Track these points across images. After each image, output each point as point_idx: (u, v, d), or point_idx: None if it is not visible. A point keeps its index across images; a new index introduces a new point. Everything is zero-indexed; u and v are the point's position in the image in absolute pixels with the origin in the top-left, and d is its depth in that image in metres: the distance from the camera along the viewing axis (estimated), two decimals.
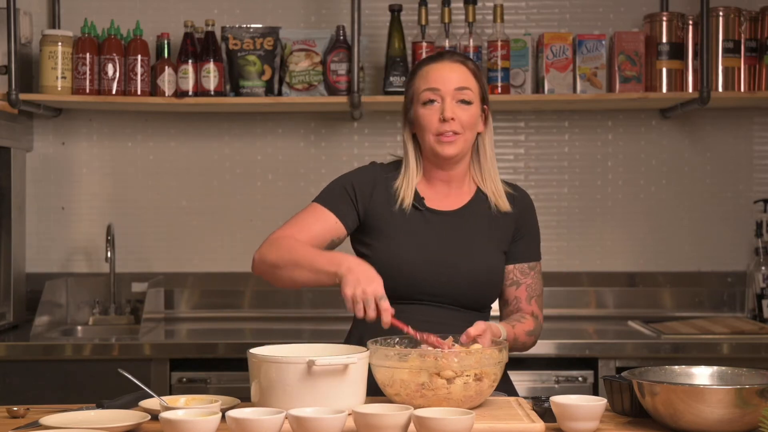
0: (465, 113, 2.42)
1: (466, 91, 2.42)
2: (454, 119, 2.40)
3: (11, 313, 3.72)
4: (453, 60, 2.46)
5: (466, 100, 2.42)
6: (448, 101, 2.41)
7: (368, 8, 3.88)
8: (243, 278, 3.93)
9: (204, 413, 1.89)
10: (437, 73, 2.44)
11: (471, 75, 2.45)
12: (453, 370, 2.04)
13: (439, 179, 2.48)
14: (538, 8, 3.98)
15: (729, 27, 3.68)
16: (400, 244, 2.41)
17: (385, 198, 2.46)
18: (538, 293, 2.54)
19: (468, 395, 2.06)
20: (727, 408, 1.87)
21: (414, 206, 2.45)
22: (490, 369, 2.08)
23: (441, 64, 2.45)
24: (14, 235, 3.76)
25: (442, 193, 2.49)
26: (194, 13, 3.90)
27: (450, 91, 2.41)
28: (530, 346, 2.50)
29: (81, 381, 3.32)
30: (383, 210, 2.45)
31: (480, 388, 2.08)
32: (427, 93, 2.42)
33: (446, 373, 2.04)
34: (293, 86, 3.71)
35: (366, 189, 2.47)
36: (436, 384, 2.04)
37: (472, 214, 2.47)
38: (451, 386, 2.05)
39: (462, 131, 2.42)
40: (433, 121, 2.41)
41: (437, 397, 2.05)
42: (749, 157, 3.98)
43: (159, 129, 3.99)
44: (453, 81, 2.42)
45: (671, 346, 3.34)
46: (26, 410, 2.14)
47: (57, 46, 3.64)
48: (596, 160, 3.99)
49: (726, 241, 3.97)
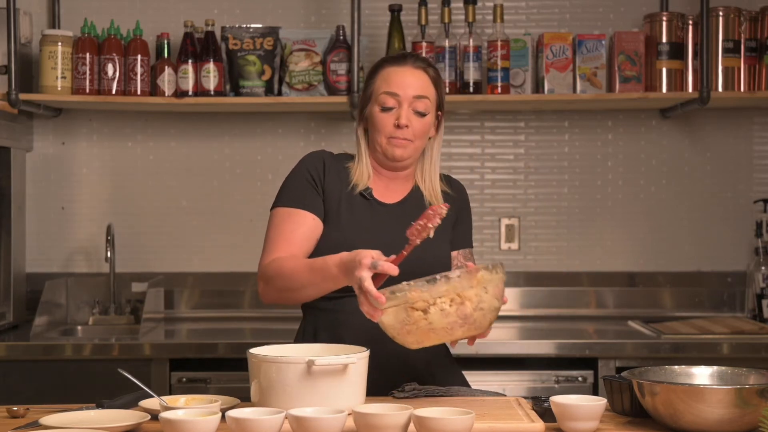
0: (419, 123, 2.41)
1: (424, 101, 2.41)
2: (409, 127, 2.40)
3: (11, 313, 3.72)
4: (416, 65, 2.44)
5: (421, 111, 2.41)
6: (405, 108, 2.40)
7: (368, 8, 3.88)
8: (243, 278, 3.93)
9: (204, 413, 1.88)
10: (398, 77, 2.42)
11: (431, 83, 2.44)
12: (424, 300, 2.01)
13: (384, 174, 2.49)
14: (538, 8, 3.98)
15: (729, 27, 3.68)
16: (350, 228, 2.40)
17: (336, 180, 2.45)
18: None
19: (451, 322, 2.03)
20: (727, 408, 1.87)
21: (362, 195, 2.44)
22: (469, 292, 2.04)
23: (403, 68, 2.44)
24: (14, 235, 3.76)
25: (383, 185, 2.48)
26: (194, 13, 3.90)
27: (408, 98, 2.40)
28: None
29: (81, 381, 3.32)
30: (335, 191, 2.44)
31: (463, 312, 2.03)
32: (386, 97, 2.41)
33: (418, 305, 2.01)
34: (293, 86, 3.71)
35: (320, 172, 2.45)
36: (414, 318, 2.02)
37: (414, 206, 2.46)
38: (428, 316, 2.02)
39: (414, 139, 2.42)
40: (388, 125, 2.41)
41: (421, 329, 2.03)
42: (749, 157, 3.98)
43: (159, 129, 3.99)
44: (412, 88, 2.41)
45: (671, 346, 3.34)
46: (26, 410, 2.14)
47: (57, 46, 3.64)
48: (596, 160, 3.99)
49: (726, 241, 3.97)
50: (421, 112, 2.41)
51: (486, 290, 2.06)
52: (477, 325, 2.07)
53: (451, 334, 2.06)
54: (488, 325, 2.10)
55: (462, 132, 4.00)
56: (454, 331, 2.05)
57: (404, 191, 2.50)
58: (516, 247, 3.99)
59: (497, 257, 3.96)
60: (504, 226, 3.99)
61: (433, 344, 2.10)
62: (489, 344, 3.34)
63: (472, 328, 2.07)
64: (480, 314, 2.06)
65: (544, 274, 4.00)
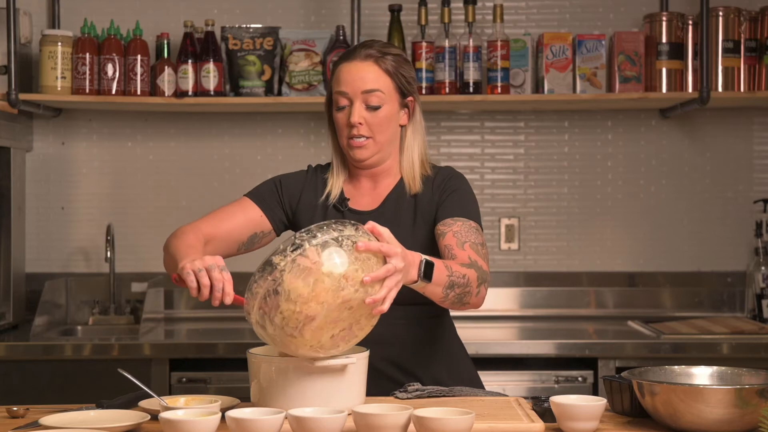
0: (374, 117, 2.32)
1: (376, 94, 2.31)
2: (362, 124, 2.32)
3: (11, 313, 3.72)
4: (364, 58, 2.33)
5: (373, 105, 2.31)
6: (356, 105, 2.31)
7: (368, 8, 3.88)
8: (243, 278, 3.91)
9: (204, 413, 1.88)
10: (346, 74, 2.33)
11: (383, 73, 2.32)
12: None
13: (363, 176, 2.42)
14: (538, 8, 3.98)
15: (729, 27, 3.68)
16: None
17: (312, 195, 2.42)
18: (471, 240, 2.24)
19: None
20: (727, 408, 1.87)
21: (335, 206, 2.39)
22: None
23: (351, 64, 2.33)
24: (14, 235, 3.76)
25: (366, 188, 2.42)
26: (194, 13, 3.90)
27: (357, 94, 2.31)
28: (475, 283, 2.16)
29: (81, 381, 3.32)
30: (310, 205, 2.41)
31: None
32: (337, 96, 2.34)
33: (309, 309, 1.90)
34: (293, 86, 3.71)
35: (295, 191, 2.42)
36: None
37: (394, 204, 2.38)
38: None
39: (371, 134, 2.33)
40: (343, 125, 2.34)
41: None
42: (749, 157, 3.98)
43: (159, 129, 3.99)
44: (360, 83, 2.31)
45: (671, 346, 3.34)
46: (26, 410, 2.13)
47: (57, 46, 3.64)
48: (596, 160, 3.99)
49: (726, 241, 3.97)
50: (374, 106, 2.31)
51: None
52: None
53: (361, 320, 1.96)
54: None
55: (462, 132, 4.00)
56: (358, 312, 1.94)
57: (386, 190, 2.41)
58: (516, 247, 3.99)
59: (497, 257, 3.97)
60: (504, 226, 3.99)
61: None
62: (489, 344, 3.35)
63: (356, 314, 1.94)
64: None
65: (544, 274, 4.00)
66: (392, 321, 2.25)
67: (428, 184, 2.39)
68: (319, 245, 1.90)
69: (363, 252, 1.91)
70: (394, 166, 2.42)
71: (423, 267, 2.02)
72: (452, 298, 2.12)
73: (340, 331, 1.95)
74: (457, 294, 2.12)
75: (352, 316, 1.94)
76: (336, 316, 1.91)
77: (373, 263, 1.93)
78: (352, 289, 1.90)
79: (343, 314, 1.92)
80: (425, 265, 2.03)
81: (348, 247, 1.91)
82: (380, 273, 1.91)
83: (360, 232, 1.95)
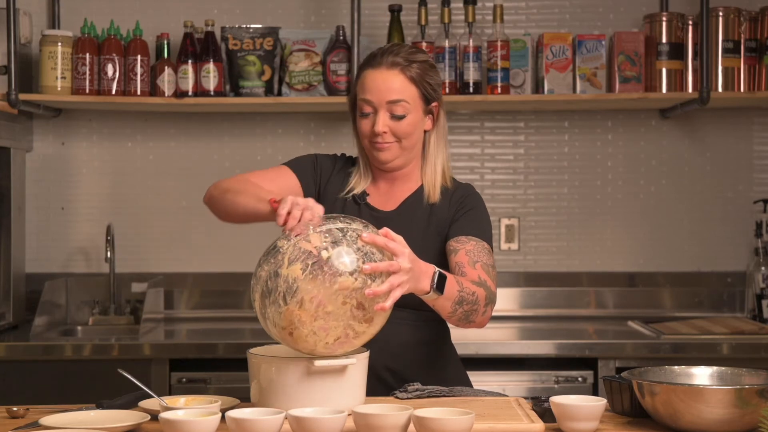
0: (398, 126, 2.33)
1: (401, 104, 2.32)
2: (386, 132, 2.34)
3: (11, 313, 3.72)
4: (390, 66, 2.33)
5: (397, 115, 2.32)
6: (381, 114, 2.32)
7: (368, 8, 3.88)
8: (243, 278, 3.92)
9: (204, 413, 1.88)
10: (371, 82, 2.33)
11: (408, 82, 2.33)
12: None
13: (384, 178, 2.43)
14: (538, 8, 3.98)
15: (729, 27, 3.68)
16: None
17: (338, 184, 2.44)
18: (483, 261, 2.26)
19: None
20: (726, 408, 1.87)
21: (354, 199, 2.41)
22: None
23: (377, 71, 2.34)
24: (14, 235, 3.76)
25: (384, 190, 2.43)
26: (194, 13, 3.90)
27: (382, 103, 2.32)
28: (483, 302, 2.17)
29: (81, 381, 3.32)
30: (333, 193, 2.43)
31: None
32: (362, 103, 2.36)
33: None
34: (293, 86, 3.71)
35: (326, 174, 2.45)
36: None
37: (411, 209, 2.39)
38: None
39: (396, 140, 2.35)
40: (367, 130, 2.36)
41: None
42: (749, 157, 3.98)
43: (159, 129, 3.99)
44: (386, 93, 2.32)
45: (671, 346, 3.34)
46: (26, 410, 2.14)
47: (57, 47, 3.64)
48: (596, 160, 3.99)
49: (726, 241, 3.97)
50: (399, 116, 2.33)
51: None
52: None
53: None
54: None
55: (462, 132, 4.00)
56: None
57: (404, 195, 2.42)
58: (516, 247, 3.99)
59: (497, 257, 3.96)
60: (504, 227, 3.99)
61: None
62: (489, 344, 3.35)
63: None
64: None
65: (544, 274, 4.00)
66: (398, 322, 2.27)
67: (446, 197, 2.41)
68: (323, 232, 1.93)
69: (368, 243, 1.94)
70: (415, 171, 2.43)
71: (436, 278, 2.04)
72: (460, 314, 2.14)
73: (340, 332, 1.96)
74: (465, 311, 2.14)
75: (352, 315, 1.94)
76: (333, 302, 1.92)
77: (378, 258, 1.94)
78: (351, 277, 1.91)
79: (341, 306, 1.93)
80: (438, 277, 2.05)
81: (352, 238, 1.94)
82: (382, 265, 1.93)
83: (369, 229, 1.96)
